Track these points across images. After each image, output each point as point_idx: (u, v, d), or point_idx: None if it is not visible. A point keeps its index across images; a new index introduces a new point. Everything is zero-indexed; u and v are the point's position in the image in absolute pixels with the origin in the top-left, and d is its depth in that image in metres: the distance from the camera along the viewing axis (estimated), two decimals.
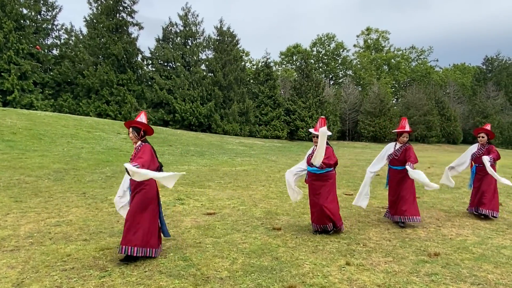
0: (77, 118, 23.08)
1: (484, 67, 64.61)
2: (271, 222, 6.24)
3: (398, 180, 6.14)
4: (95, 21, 32.59)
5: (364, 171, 14.72)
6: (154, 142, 20.62)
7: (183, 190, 9.03)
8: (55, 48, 33.27)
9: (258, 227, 5.89)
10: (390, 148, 6.29)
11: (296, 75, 44.88)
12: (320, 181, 5.55)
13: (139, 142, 4.70)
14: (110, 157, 14.59)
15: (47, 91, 30.42)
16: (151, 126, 4.81)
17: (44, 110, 27.13)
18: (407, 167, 5.78)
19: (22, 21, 29.73)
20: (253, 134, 36.36)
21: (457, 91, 59.60)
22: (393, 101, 58.47)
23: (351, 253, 4.73)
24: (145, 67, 35.74)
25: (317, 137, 5.45)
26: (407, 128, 6.15)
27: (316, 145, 5.48)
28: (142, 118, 4.75)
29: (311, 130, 5.73)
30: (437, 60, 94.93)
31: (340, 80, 65.28)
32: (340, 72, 67.57)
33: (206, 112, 33.87)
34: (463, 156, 7.20)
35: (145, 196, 4.55)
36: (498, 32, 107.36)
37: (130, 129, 4.68)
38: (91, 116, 28.89)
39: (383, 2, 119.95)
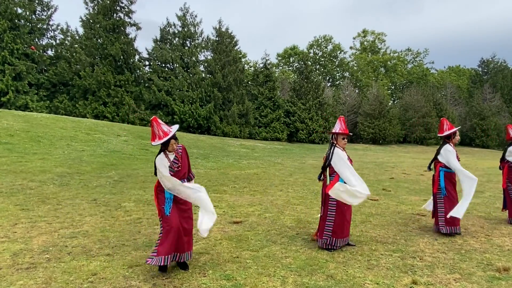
0: (75, 120, 22.38)
1: (480, 69, 64.85)
2: (306, 232, 5.73)
3: (455, 184, 5.70)
4: (91, 21, 31.82)
5: (375, 174, 14.41)
6: None
7: None
8: (50, 49, 32.45)
9: (295, 238, 5.38)
10: (454, 151, 5.70)
11: (295, 77, 44.49)
12: None
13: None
14: (114, 160, 13.99)
15: (42, 92, 29.60)
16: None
17: (40, 112, 26.34)
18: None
19: (16, 20, 28.90)
20: (253, 136, 35.81)
21: (453, 93, 59.64)
22: (390, 103, 58.33)
23: (411, 269, 4.23)
24: (142, 68, 35.03)
25: (346, 138, 5.11)
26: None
27: (344, 147, 5.09)
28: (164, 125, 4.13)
29: (338, 129, 5.08)
30: (432, 62, 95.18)
31: (337, 82, 65.07)
32: (338, 74, 67.39)
33: (205, 114, 33.26)
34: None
35: None
36: (491, 34, 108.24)
37: (172, 140, 4.08)
38: (88, 117, 28.13)
39: (375, 5, 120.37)
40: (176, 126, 4.27)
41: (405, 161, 21.87)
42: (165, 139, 4.00)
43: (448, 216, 5.40)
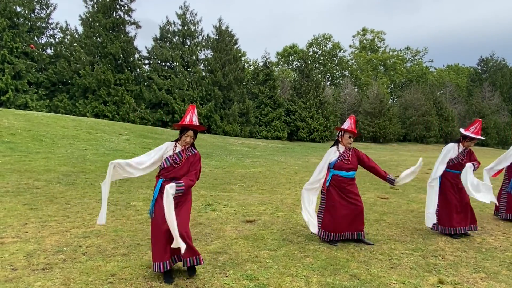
0: (76, 119, 22.24)
1: (479, 67, 64.93)
2: None
3: (460, 186, 5.57)
4: (91, 19, 31.65)
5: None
6: (157, 143, 19.97)
7: (207, 194, 8.40)
8: (49, 47, 32.25)
9: (311, 237, 5.29)
10: (451, 150, 5.62)
11: (295, 75, 44.41)
12: (353, 185, 5.24)
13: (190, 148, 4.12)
14: (117, 159, 13.85)
15: (41, 91, 29.42)
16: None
17: (39, 111, 26.17)
18: (469, 167, 5.32)
19: (15, 19, 28.71)
20: (253, 135, 35.72)
21: (453, 91, 59.69)
22: (390, 102, 58.32)
23: (435, 268, 4.16)
24: (142, 67, 34.86)
25: (352, 137, 5.20)
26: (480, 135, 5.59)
27: (348, 146, 5.23)
28: (195, 116, 4.06)
29: (346, 127, 5.14)
30: (431, 61, 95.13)
31: (337, 81, 65.03)
32: (337, 73, 67.34)
33: (206, 113, 33.15)
34: (506, 156, 6.61)
35: (190, 206, 4.15)
36: (491, 33, 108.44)
37: (191, 132, 3.96)
38: (88, 116, 27.97)
39: (374, 4, 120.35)
40: (204, 127, 4.19)
41: (407, 159, 21.82)
42: (185, 123, 3.90)
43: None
